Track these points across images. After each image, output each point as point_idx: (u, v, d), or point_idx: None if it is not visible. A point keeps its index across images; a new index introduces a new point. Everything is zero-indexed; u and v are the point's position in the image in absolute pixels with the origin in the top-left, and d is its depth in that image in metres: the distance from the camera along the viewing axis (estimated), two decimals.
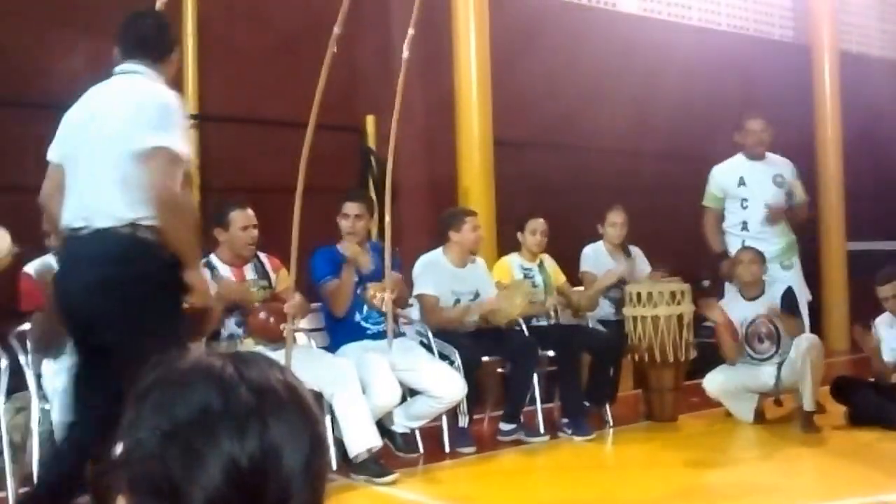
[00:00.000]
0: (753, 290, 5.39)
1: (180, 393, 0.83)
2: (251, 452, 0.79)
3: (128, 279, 2.84)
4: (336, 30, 4.06)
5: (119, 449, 0.83)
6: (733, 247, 5.73)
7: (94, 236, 2.86)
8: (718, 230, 5.81)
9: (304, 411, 0.86)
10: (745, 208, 5.71)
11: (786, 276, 5.62)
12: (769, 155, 5.84)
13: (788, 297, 5.38)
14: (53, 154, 3.08)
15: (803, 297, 5.70)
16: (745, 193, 5.71)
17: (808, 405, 5.12)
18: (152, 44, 3.04)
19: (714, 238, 5.82)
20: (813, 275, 8.56)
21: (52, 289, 3.02)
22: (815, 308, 6.40)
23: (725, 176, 5.82)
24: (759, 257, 5.41)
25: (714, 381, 5.41)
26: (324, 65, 4.04)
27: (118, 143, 2.84)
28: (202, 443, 0.79)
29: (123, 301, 2.81)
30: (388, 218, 4.64)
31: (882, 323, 5.33)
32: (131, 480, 0.81)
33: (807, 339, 5.23)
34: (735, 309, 5.39)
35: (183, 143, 2.89)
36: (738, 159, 5.82)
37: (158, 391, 0.84)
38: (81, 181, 2.93)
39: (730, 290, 5.62)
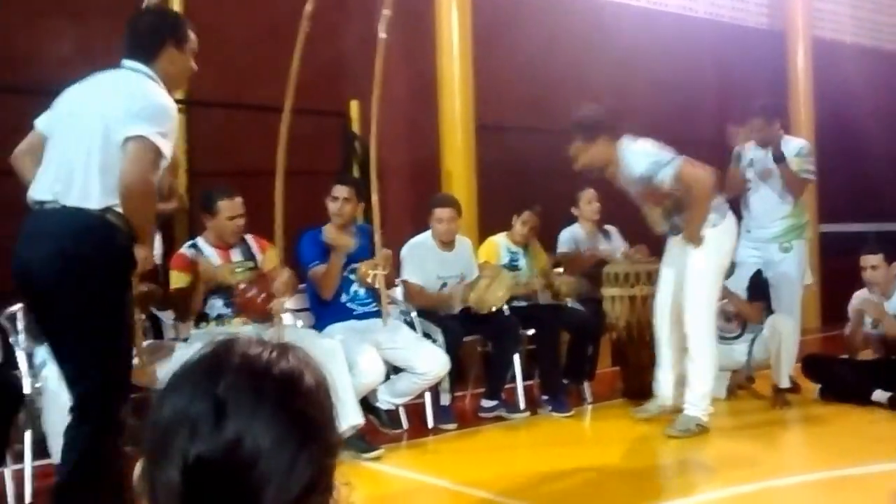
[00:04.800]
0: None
1: (169, 391, 0.89)
2: (199, 451, 0.83)
3: (83, 255, 2.88)
4: (308, 7, 4.14)
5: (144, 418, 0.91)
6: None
7: (61, 212, 2.91)
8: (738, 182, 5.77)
9: (281, 411, 0.86)
10: (748, 189, 5.77)
11: (783, 258, 5.68)
12: (785, 138, 5.82)
13: (755, 281, 5.51)
14: (41, 122, 3.12)
15: (797, 279, 5.74)
16: (751, 175, 5.75)
17: (782, 381, 5.29)
18: (143, 44, 3.09)
19: (729, 177, 5.75)
20: None
21: (12, 260, 2.98)
22: None
23: (745, 153, 5.81)
24: None
25: None
26: (297, 43, 4.12)
27: (103, 131, 2.90)
28: (167, 441, 0.85)
29: (77, 276, 2.86)
30: (375, 197, 4.72)
31: (858, 298, 5.46)
32: (141, 451, 0.89)
33: (780, 318, 5.39)
34: None
35: (165, 142, 2.93)
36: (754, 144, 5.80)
37: (168, 386, 0.90)
38: (59, 159, 2.98)
39: None
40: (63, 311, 2.91)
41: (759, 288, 5.50)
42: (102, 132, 2.90)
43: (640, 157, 4.67)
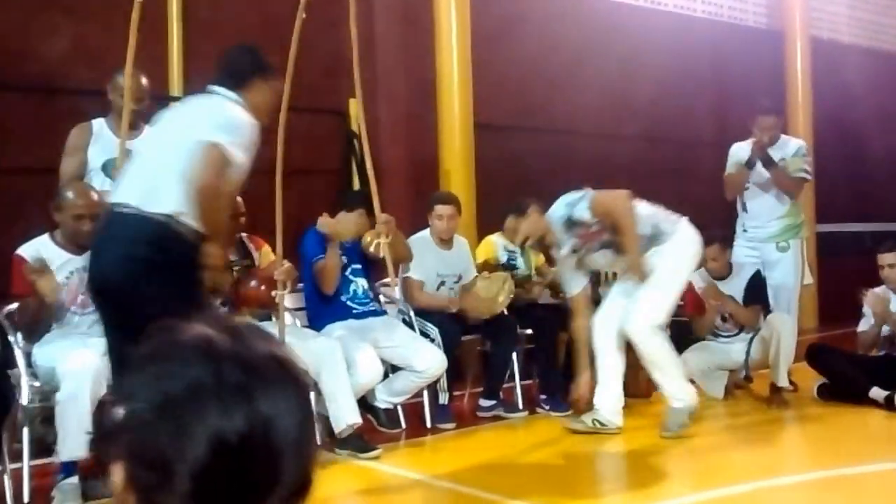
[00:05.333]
0: (721, 273, 5.55)
1: (175, 367, 0.83)
2: (238, 429, 0.79)
3: (153, 260, 3.05)
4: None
5: (118, 416, 0.83)
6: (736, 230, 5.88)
7: (133, 216, 3.09)
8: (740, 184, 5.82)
9: (296, 388, 0.85)
10: (746, 188, 5.83)
11: (780, 258, 5.72)
12: (783, 138, 5.89)
13: (754, 282, 5.51)
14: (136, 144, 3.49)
15: (795, 279, 5.77)
16: (750, 176, 5.81)
17: (780, 380, 5.29)
18: (236, 73, 3.36)
19: (733, 180, 5.84)
20: None
21: (89, 260, 3.25)
22: None
23: (742, 152, 5.87)
24: (721, 249, 5.52)
25: (689, 362, 5.55)
26: (294, 35, 4.14)
27: (183, 141, 3.09)
28: (190, 418, 0.79)
29: (147, 280, 3.03)
30: (369, 163, 4.73)
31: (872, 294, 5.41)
32: (127, 448, 0.82)
33: (779, 316, 5.40)
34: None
35: (238, 151, 3.10)
36: (747, 143, 5.86)
37: (156, 363, 0.84)
38: (140, 167, 3.25)
39: (696, 274, 5.76)
40: (125, 311, 3.04)
41: (757, 290, 5.51)
42: (182, 142, 3.09)
43: (557, 205, 4.69)
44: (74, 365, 3.64)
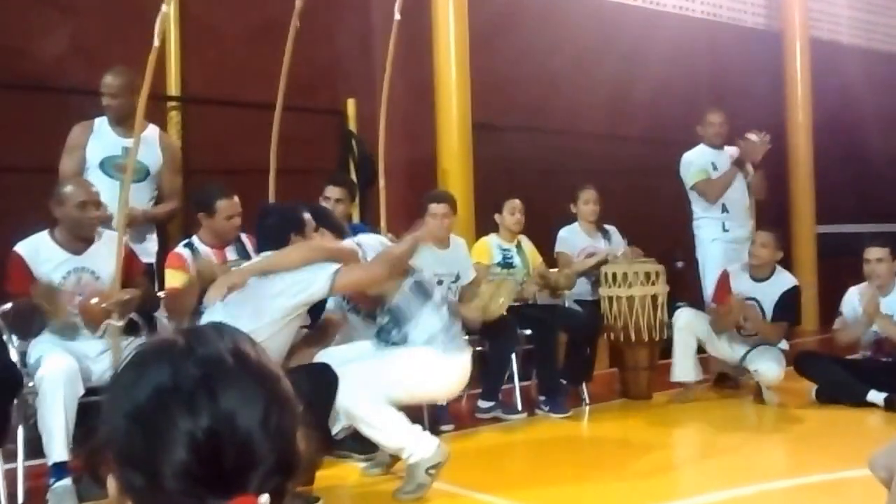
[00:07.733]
0: (761, 272, 5.50)
1: (137, 374, 0.88)
2: (204, 425, 0.83)
3: None
4: (298, 3, 4.20)
5: (102, 430, 0.89)
6: (713, 231, 5.96)
7: None
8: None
9: (256, 375, 0.88)
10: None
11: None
12: (726, 147, 6.18)
13: (789, 296, 5.46)
14: None
15: None
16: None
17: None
18: None
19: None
20: (783, 256, 8.76)
21: None
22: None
23: (702, 159, 6.08)
24: (773, 241, 5.49)
25: (684, 317, 5.51)
26: (288, 40, 4.11)
27: None
28: (159, 421, 0.84)
29: None
30: (382, 182, 4.69)
31: (855, 292, 5.39)
32: (114, 459, 0.87)
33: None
34: (738, 283, 5.52)
35: None
36: (702, 148, 6.14)
37: (123, 374, 0.90)
38: None
39: (736, 265, 5.73)
40: None
41: (789, 306, 5.44)
42: None
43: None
44: (47, 370, 3.58)
